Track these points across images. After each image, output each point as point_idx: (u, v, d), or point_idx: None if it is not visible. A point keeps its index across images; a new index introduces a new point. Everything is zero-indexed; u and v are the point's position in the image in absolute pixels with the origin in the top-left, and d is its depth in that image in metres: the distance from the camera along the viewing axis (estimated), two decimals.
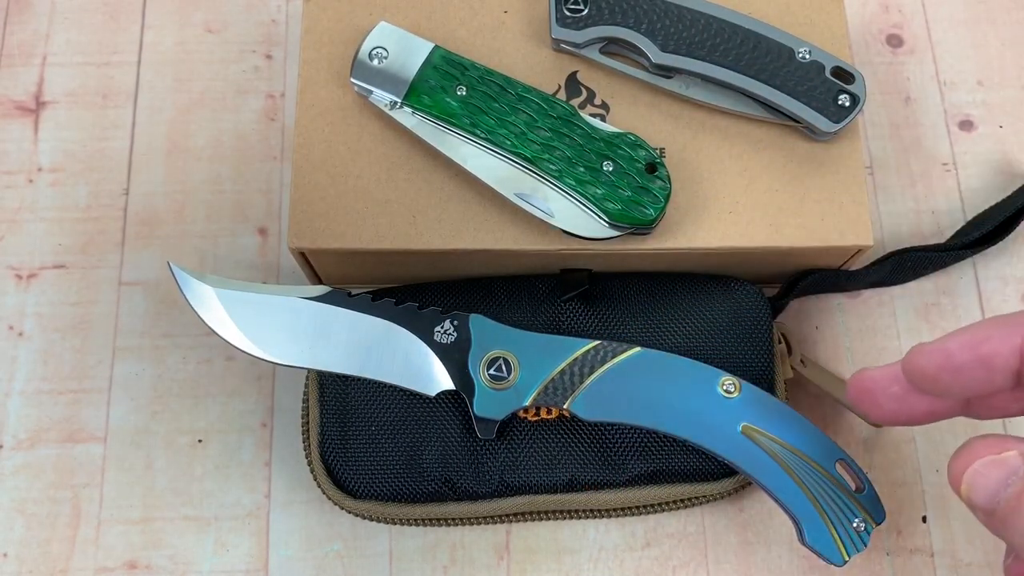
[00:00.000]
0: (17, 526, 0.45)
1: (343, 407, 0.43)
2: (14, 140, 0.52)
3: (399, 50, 0.42)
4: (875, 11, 0.55)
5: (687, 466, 0.42)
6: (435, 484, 0.42)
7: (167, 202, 0.50)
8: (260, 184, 0.51)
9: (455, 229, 0.42)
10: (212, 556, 0.45)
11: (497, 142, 0.41)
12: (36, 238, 0.50)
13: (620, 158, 0.41)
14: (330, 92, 0.44)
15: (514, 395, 0.39)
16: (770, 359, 0.44)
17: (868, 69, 0.54)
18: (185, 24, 0.54)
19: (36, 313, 0.48)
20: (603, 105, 0.44)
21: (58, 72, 0.53)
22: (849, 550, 0.37)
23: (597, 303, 0.44)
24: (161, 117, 0.52)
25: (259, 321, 0.40)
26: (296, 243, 0.42)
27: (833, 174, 0.43)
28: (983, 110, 0.53)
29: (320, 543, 0.45)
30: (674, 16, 0.43)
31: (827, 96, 0.42)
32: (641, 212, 0.40)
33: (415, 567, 0.45)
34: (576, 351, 0.40)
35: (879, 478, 0.46)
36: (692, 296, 0.44)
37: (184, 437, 0.46)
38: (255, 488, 0.46)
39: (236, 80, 0.53)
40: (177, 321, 0.48)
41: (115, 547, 0.45)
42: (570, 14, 0.43)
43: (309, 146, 0.43)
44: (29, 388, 0.47)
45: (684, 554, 0.45)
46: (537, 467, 0.42)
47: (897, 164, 0.52)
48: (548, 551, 0.45)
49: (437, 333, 0.40)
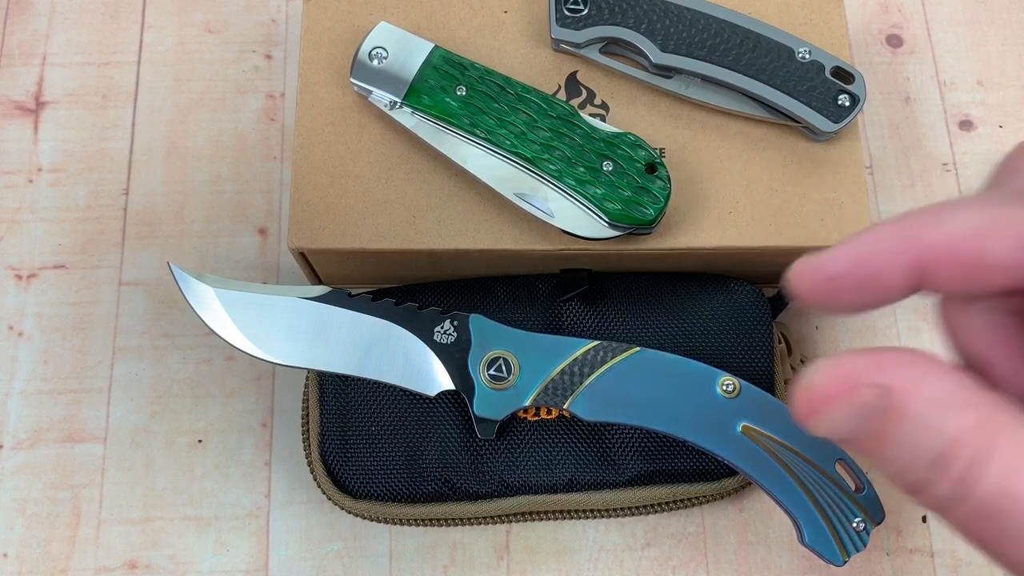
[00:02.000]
0: (17, 526, 0.45)
1: (343, 407, 0.43)
2: (14, 140, 0.52)
3: (399, 50, 0.42)
4: (875, 11, 0.55)
5: (687, 466, 0.42)
6: (435, 484, 0.42)
7: (167, 202, 0.50)
8: (260, 184, 0.51)
9: (455, 229, 0.42)
10: (212, 556, 0.45)
11: (497, 142, 0.41)
12: (36, 238, 0.50)
13: (620, 158, 0.41)
14: (330, 92, 0.44)
15: (514, 395, 0.39)
16: (770, 359, 0.44)
17: (868, 69, 0.54)
18: (185, 24, 0.54)
19: (36, 313, 0.48)
20: (603, 105, 0.44)
21: (58, 72, 0.53)
22: (849, 550, 0.37)
23: (597, 303, 0.44)
24: (161, 117, 0.52)
25: (259, 321, 0.40)
26: (296, 243, 0.42)
27: (833, 174, 0.43)
28: (983, 110, 0.53)
29: (320, 543, 0.45)
30: (674, 16, 0.43)
31: (827, 96, 0.42)
32: (641, 212, 0.40)
33: (415, 567, 0.45)
34: (576, 351, 0.40)
35: (879, 478, 0.46)
36: (692, 296, 0.44)
37: (184, 437, 0.46)
38: (255, 488, 0.46)
39: (236, 80, 0.53)
40: (177, 321, 0.48)
41: (115, 547, 0.45)
42: (570, 14, 0.43)
43: (309, 146, 0.43)
44: (29, 388, 0.47)
45: (684, 554, 0.45)
46: (537, 467, 0.42)
47: (897, 164, 0.52)
48: (548, 551, 0.45)
49: (437, 333, 0.40)
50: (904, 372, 0.20)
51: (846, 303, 0.22)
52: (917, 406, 0.20)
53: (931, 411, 0.20)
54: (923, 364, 0.20)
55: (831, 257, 0.21)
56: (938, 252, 0.20)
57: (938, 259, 0.20)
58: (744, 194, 0.43)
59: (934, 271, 0.20)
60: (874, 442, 0.21)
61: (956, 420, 0.19)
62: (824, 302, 0.22)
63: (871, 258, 0.21)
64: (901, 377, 0.20)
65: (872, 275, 0.21)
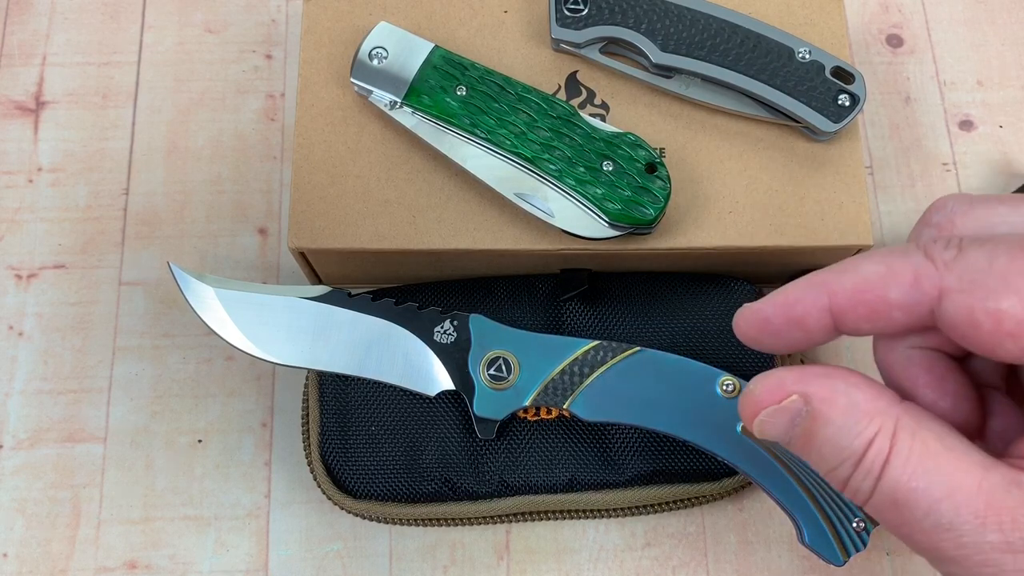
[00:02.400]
0: (17, 526, 0.45)
1: (343, 407, 0.43)
2: (14, 140, 0.52)
3: (399, 50, 0.42)
4: (875, 11, 0.55)
5: (687, 466, 0.42)
6: (435, 484, 0.42)
7: (167, 202, 0.50)
8: (260, 184, 0.51)
9: (455, 229, 0.42)
10: (212, 556, 0.45)
11: (497, 142, 0.41)
12: (36, 238, 0.50)
13: (620, 158, 0.41)
14: (330, 92, 0.44)
15: (514, 395, 0.39)
16: (770, 359, 0.44)
17: (868, 69, 0.54)
18: (185, 24, 0.54)
19: (36, 313, 0.48)
20: (603, 105, 0.44)
21: (58, 72, 0.53)
22: (849, 550, 0.37)
23: (597, 303, 0.44)
24: (161, 117, 0.52)
25: (259, 321, 0.40)
26: (296, 243, 0.42)
27: (833, 174, 0.43)
28: (983, 110, 0.53)
29: (320, 543, 0.45)
30: (674, 16, 0.43)
31: (827, 96, 0.42)
32: (641, 212, 0.40)
33: (415, 567, 0.45)
34: (576, 351, 0.40)
35: None
36: (692, 296, 0.44)
37: (184, 437, 0.46)
38: (255, 488, 0.46)
39: (236, 80, 0.53)
40: (177, 321, 0.48)
41: (115, 547, 0.45)
42: (570, 14, 0.43)
43: (309, 146, 0.43)
44: (29, 388, 0.47)
45: (684, 554, 0.45)
46: (537, 467, 0.42)
47: (897, 164, 0.52)
48: (548, 551, 0.45)
49: (437, 333, 0.40)
50: (824, 383, 0.24)
51: (782, 342, 0.26)
52: (835, 413, 0.24)
53: (846, 418, 0.24)
54: (842, 377, 0.25)
55: (765, 304, 0.26)
56: (846, 298, 0.24)
57: (847, 304, 0.24)
58: (744, 194, 0.43)
59: (846, 314, 0.24)
60: (805, 443, 0.25)
61: (867, 425, 0.23)
62: (763, 341, 0.26)
63: (795, 305, 0.25)
64: (821, 387, 0.24)
65: (797, 320, 0.25)
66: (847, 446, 0.24)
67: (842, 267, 0.25)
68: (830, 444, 0.24)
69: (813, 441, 0.25)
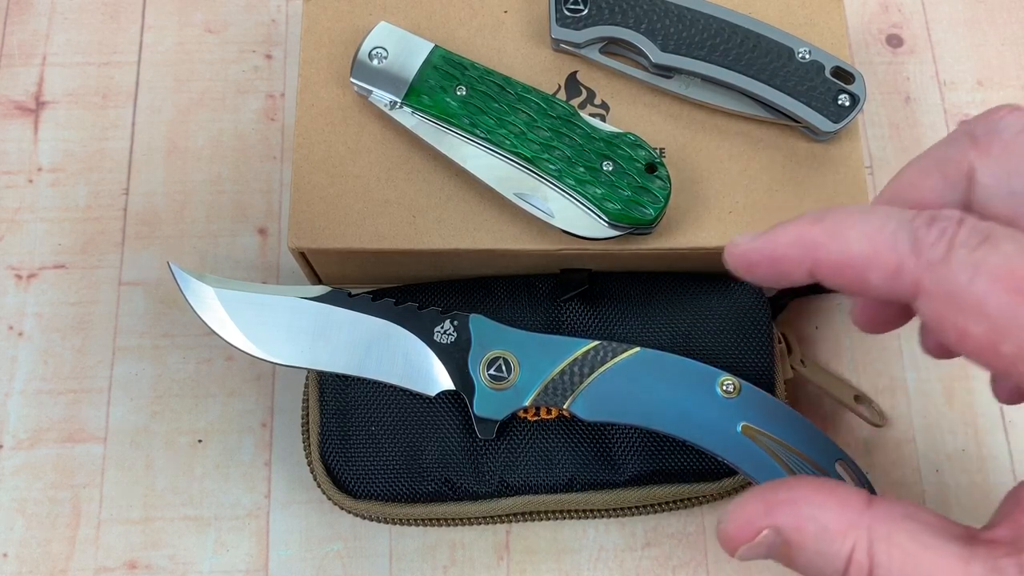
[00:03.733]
0: (17, 526, 0.45)
1: (343, 407, 0.43)
2: (14, 140, 0.52)
3: (399, 50, 0.42)
4: (875, 11, 0.55)
5: (687, 466, 0.42)
6: (435, 484, 0.42)
7: (167, 202, 0.50)
8: (260, 184, 0.51)
9: (455, 229, 0.42)
10: (212, 556, 0.45)
11: (497, 142, 0.41)
12: (36, 238, 0.50)
13: (620, 158, 0.41)
14: (330, 92, 0.44)
15: (514, 395, 0.39)
16: (770, 359, 0.44)
17: (868, 69, 0.54)
18: (185, 24, 0.54)
19: (36, 313, 0.48)
20: (603, 105, 0.44)
21: (58, 72, 0.53)
22: None
23: (597, 303, 0.44)
24: (161, 117, 0.52)
25: (259, 321, 0.40)
26: (296, 243, 0.42)
27: (833, 174, 0.43)
28: (983, 110, 0.53)
29: (320, 543, 0.45)
30: (674, 16, 0.43)
31: (827, 96, 0.42)
32: (641, 212, 0.40)
33: (415, 567, 0.45)
34: (576, 351, 0.40)
35: (879, 478, 0.46)
36: (692, 296, 0.44)
37: (184, 437, 0.46)
38: (255, 488, 0.46)
39: (236, 80, 0.53)
40: (177, 321, 0.48)
41: (115, 547, 0.45)
42: (570, 14, 0.43)
43: (309, 146, 0.43)
44: (29, 388, 0.47)
45: (684, 554, 0.45)
46: (537, 467, 0.42)
47: (897, 164, 0.52)
48: (548, 551, 0.45)
49: (437, 333, 0.40)
50: (790, 512, 0.26)
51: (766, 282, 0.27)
52: (807, 540, 0.25)
53: (819, 543, 0.25)
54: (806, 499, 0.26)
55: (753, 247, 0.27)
56: (828, 268, 0.25)
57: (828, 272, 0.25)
58: (744, 194, 0.43)
59: (826, 279, 0.26)
60: (788, 562, 0.26)
61: (841, 544, 0.25)
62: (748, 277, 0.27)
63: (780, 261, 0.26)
64: (787, 517, 0.26)
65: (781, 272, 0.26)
66: (827, 565, 0.25)
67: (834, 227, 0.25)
68: (811, 567, 0.25)
69: (794, 564, 0.26)
